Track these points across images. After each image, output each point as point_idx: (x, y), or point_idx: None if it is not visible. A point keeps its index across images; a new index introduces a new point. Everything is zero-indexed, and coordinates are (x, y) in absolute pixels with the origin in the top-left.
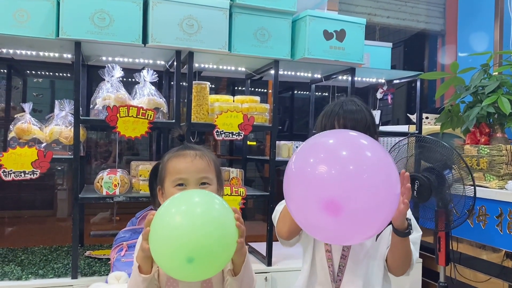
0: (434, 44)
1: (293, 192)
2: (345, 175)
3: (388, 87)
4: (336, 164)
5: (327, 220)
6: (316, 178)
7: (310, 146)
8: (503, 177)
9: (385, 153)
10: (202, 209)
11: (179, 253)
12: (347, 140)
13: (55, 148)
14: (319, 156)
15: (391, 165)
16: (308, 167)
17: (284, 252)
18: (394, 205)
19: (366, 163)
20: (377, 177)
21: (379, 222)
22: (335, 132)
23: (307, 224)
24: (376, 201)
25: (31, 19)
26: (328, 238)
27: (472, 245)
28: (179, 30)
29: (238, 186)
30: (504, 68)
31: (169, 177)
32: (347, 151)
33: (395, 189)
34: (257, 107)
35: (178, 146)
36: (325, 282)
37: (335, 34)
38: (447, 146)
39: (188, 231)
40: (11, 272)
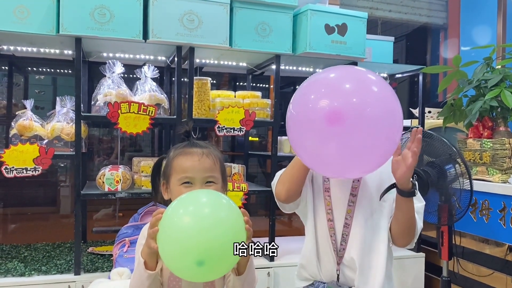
0: (437, 37)
1: (295, 121)
2: (348, 90)
3: (390, 82)
4: (340, 84)
5: (330, 133)
6: (318, 95)
7: (309, 84)
8: (506, 171)
9: (392, 91)
10: (212, 211)
11: (189, 256)
12: (350, 73)
13: (56, 145)
14: (320, 91)
15: (395, 102)
16: (309, 98)
17: (286, 247)
18: (394, 141)
19: (376, 96)
20: (380, 103)
21: (379, 154)
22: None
23: (310, 152)
24: (377, 127)
25: (31, 15)
26: (330, 167)
27: (475, 239)
28: (180, 26)
29: (240, 181)
30: (507, 61)
31: (176, 175)
32: (351, 84)
33: (397, 126)
34: (258, 102)
35: (184, 142)
36: (328, 251)
37: (337, 28)
38: (444, 141)
39: (199, 234)
40: (14, 268)
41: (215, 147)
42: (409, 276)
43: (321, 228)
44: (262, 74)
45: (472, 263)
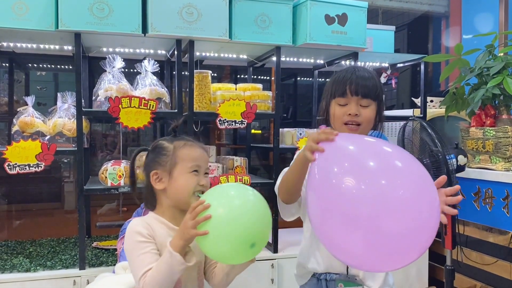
0: (438, 26)
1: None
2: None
3: (392, 71)
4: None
5: (368, 258)
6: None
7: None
8: (509, 159)
9: (423, 171)
10: (256, 201)
11: (245, 241)
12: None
13: (58, 141)
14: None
15: (431, 185)
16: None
17: (290, 239)
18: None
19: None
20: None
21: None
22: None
23: (336, 251)
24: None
25: (30, 11)
26: (356, 266)
27: (479, 228)
28: (179, 19)
29: (242, 174)
30: (509, 48)
31: (184, 163)
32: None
33: (437, 214)
34: (259, 94)
35: (171, 136)
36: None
37: (337, 18)
38: (430, 132)
39: (253, 223)
40: (19, 264)
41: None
42: (413, 265)
43: None
44: (263, 66)
45: (476, 252)
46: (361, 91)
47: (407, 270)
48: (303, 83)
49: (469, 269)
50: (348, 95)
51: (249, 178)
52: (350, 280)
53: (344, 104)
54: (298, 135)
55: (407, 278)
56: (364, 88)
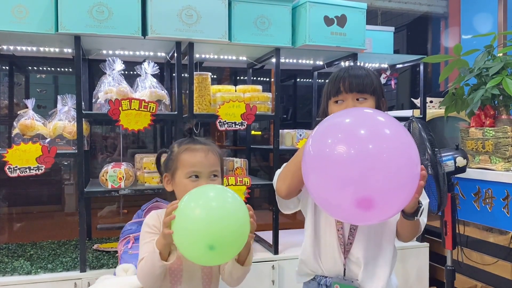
0: (437, 27)
1: (316, 178)
2: (375, 162)
3: (391, 72)
4: (363, 147)
5: (356, 212)
6: (344, 166)
7: (328, 127)
8: (508, 159)
9: (407, 135)
10: (220, 203)
11: (202, 242)
12: (366, 120)
13: (59, 143)
14: (340, 137)
15: (412, 142)
16: (330, 149)
17: (290, 240)
18: (415, 185)
19: (393, 150)
20: (404, 164)
21: (401, 205)
22: (351, 114)
23: (329, 209)
24: (402, 192)
25: (29, 14)
26: (346, 220)
27: (479, 228)
28: (179, 21)
29: (242, 176)
30: (509, 48)
31: (183, 169)
32: (369, 134)
33: (416, 168)
34: (259, 96)
35: (185, 138)
36: (335, 246)
37: (336, 19)
38: (422, 134)
39: (210, 223)
40: (20, 267)
41: (214, 143)
42: (413, 266)
43: (327, 222)
44: (262, 68)
45: (476, 252)
46: (355, 86)
47: (408, 270)
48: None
49: (470, 269)
50: (343, 92)
51: (249, 180)
52: (346, 282)
53: (341, 102)
54: (298, 136)
55: (407, 278)
56: (358, 83)
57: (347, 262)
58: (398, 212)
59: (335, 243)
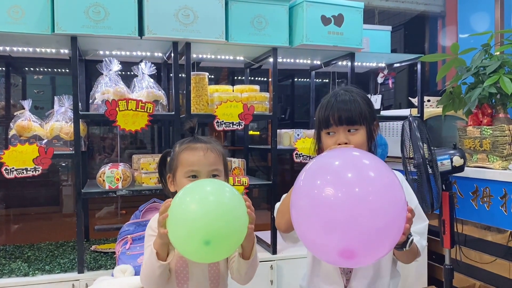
0: (435, 26)
1: (305, 228)
2: (359, 221)
3: (388, 71)
4: (350, 207)
5: (340, 260)
6: (330, 224)
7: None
8: (506, 157)
9: (393, 177)
10: (216, 197)
11: (197, 237)
12: (353, 168)
13: (56, 144)
14: (330, 183)
15: (399, 190)
16: (320, 196)
17: None
18: (400, 233)
19: (378, 200)
20: (390, 214)
21: (383, 254)
22: (340, 157)
23: (316, 251)
24: (385, 241)
25: (26, 15)
26: (333, 264)
27: (477, 227)
28: (175, 21)
29: (240, 176)
30: (506, 47)
31: (182, 168)
32: (359, 190)
33: (403, 217)
34: (256, 96)
35: (188, 138)
36: (335, 274)
37: (333, 19)
38: (416, 134)
39: (205, 216)
40: (18, 268)
41: (218, 141)
42: (412, 265)
43: None
44: (260, 68)
45: (475, 251)
46: (345, 119)
47: (407, 270)
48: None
49: (468, 268)
50: (333, 125)
51: (247, 180)
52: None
53: (333, 134)
54: (295, 136)
55: (406, 277)
56: (347, 117)
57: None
58: (385, 254)
59: (335, 270)
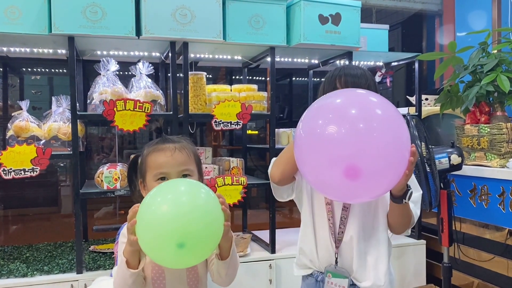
0: (432, 24)
1: (307, 156)
2: (363, 138)
3: (386, 70)
4: (353, 125)
5: (344, 183)
6: (334, 142)
7: (318, 108)
8: (504, 155)
9: (396, 111)
10: (188, 196)
11: (170, 239)
12: (356, 99)
13: (54, 145)
14: (330, 118)
15: (402, 124)
16: (321, 129)
17: (287, 239)
18: (404, 165)
19: (382, 122)
20: (392, 137)
21: (390, 182)
22: (342, 92)
23: (320, 185)
24: (390, 162)
25: (23, 15)
26: (338, 196)
27: (475, 225)
28: (173, 21)
29: (238, 175)
30: (503, 45)
31: (150, 171)
32: (359, 112)
33: (406, 149)
34: (254, 95)
35: (156, 139)
36: (326, 235)
37: (331, 18)
38: (413, 132)
39: (177, 217)
40: (16, 269)
41: (189, 140)
42: (410, 263)
43: (319, 212)
44: (258, 67)
45: (473, 249)
46: (350, 83)
47: (405, 267)
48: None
49: (467, 266)
50: (339, 88)
51: (246, 179)
52: (338, 271)
53: None
54: (293, 135)
55: (404, 275)
56: (353, 81)
57: (340, 251)
58: (387, 187)
59: (326, 232)
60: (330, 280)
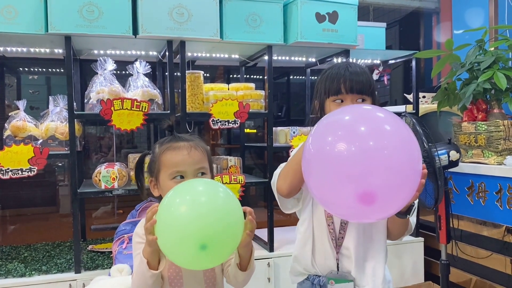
0: (429, 22)
1: (317, 174)
2: (376, 159)
3: (384, 68)
4: (365, 145)
5: (357, 207)
6: (347, 167)
7: (329, 126)
8: (501, 152)
9: (408, 131)
10: (209, 196)
11: (192, 241)
12: (369, 120)
13: (51, 144)
14: (344, 139)
15: (414, 143)
16: (333, 151)
17: (285, 237)
18: (416, 186)
19: (395, 146)
20: (406, 161)
21: (402, 205)
22: (351, 110)
23: (328, 203)
24: (404, 186)
25: (19, 15)
26: (345, 216)
27: (473, 222)
28: (170, 20)
29: (236, 174)
30: (500, 43)
31: (165, 170)
32: (370, 131)
33: (418, 171)
34: (252, 94)
35: (168, 137)
36: (325, 241)
37: (328, 16)
38: (418, 129)
39: (199, 219)
40: (14, 269)
41: (200, 138)
42: (409, 260)
43: (318, 218)
44: (255, 66)
45: (471, 246)
46: (356, 87)
47: (403, 265)
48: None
49: (464, 263)
50: (343, 92)
51: (244, 178)
52: (340, 276)
53: (340, 102)
54: (291, 134)
55: (403, 273)
56: (358, 84)
57: (340, 257)
58: (398, 209)
59: (325, 239)
60: (333, 287)
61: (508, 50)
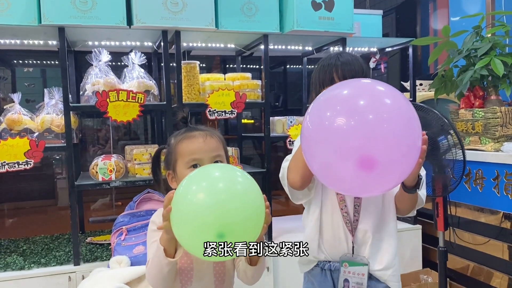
0: (426, 9)
1: (317, 150)
2: (374, 128)
3: (380, 56)
4: (363, 116)
5: (359, 175)
6: (345, 133)
7: (325, 100)
8: (498, 139)
9: (404, 98)
10: (227, 184)
11: (209, 229)
12: (365, 89)
13: (47, 137)
14: (339, 109)
15: (412, 111)
16: (330, 121)
17: (284, 226)
18: (417, 153)
19: (392, 112)
20: (403, 125)
21: (404, 172)
22: (349, 83)
23: (331, 179)
24: (404, 153)
25: (11, 6)
26: (350, 190)
27: (470, 209)
28: (164, 9)
29: (234, 164)
30: (497, 29)
31: (182, 159)
32: (368, 102)
33: (418, 137)
34: (248, 84)
35: (183, 129)
36: (340, 225)
37: (324, 4)
38: (436, 112)
39: (217, 206)
40: (13, 262)
41: (214, 128)
42: (407, 248)
43: (331, 203)
44: (251, 55)
45: (468, 232)
46: (348, 75)
47: (401, 252)
48: (293, 71)
49: (462, 249)
50: (336, 81)
51: (241, 168)
52: (355, 259)
53: None
54: (289, 123)
55: (401, 260)
56: (351, 72)
57: (355, 240)
58: (402, 177)
59: (340, 223)
60: (347, 270)
61: (505, 36)
